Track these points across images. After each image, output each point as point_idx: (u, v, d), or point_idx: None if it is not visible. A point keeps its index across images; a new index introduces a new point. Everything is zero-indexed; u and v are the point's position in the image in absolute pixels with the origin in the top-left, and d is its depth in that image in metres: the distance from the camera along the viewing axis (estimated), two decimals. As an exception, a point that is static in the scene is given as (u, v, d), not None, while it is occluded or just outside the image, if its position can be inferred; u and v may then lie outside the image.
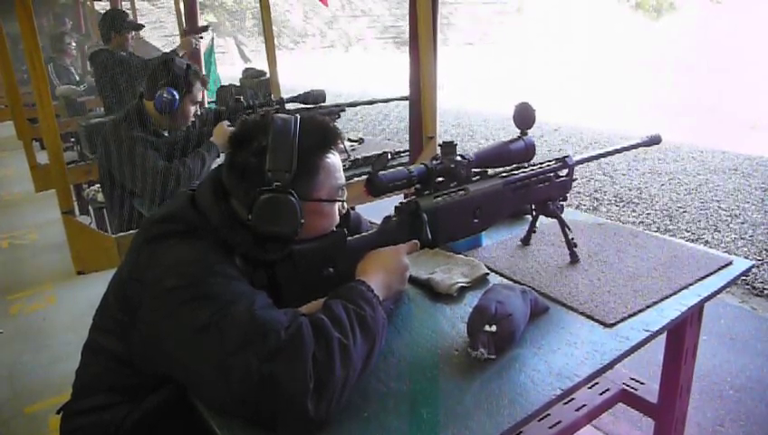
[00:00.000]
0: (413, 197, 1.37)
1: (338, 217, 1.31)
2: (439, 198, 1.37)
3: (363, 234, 1.33)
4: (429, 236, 1.32)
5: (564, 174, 1.65)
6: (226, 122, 2.66)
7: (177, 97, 2.52)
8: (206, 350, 1.03)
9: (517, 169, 1.56)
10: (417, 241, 1.33)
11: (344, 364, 1.03)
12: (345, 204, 1.35)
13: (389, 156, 1.38)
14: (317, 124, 1.26)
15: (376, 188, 1.27)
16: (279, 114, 1.22)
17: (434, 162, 1.38)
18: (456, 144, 1.41)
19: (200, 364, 1.04)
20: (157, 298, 1.10)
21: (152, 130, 2.57)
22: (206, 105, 3.97)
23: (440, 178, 1.39)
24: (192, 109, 2.65)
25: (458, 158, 1.41)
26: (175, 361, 1.09)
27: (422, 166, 1.36)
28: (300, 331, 1.03)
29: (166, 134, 2.64)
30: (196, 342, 1.04)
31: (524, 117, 1.53)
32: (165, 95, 2.49)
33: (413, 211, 1.33)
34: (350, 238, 1.28)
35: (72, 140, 5.06)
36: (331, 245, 1.25)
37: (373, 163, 1.29)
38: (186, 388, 1.13)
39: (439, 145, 1.41)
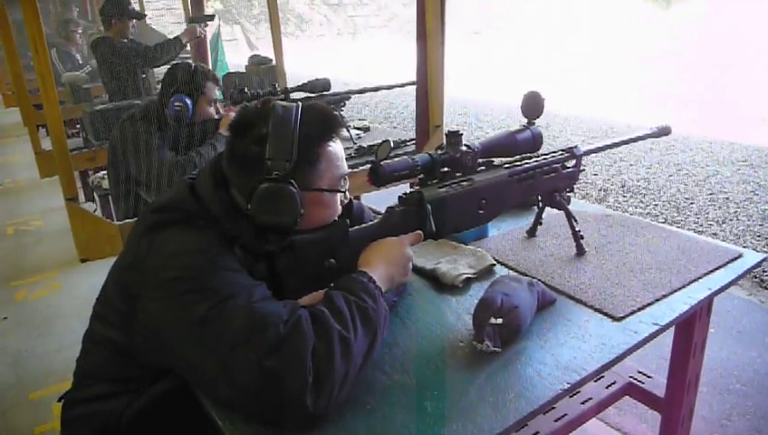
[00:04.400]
0: (417, 187, 1.35)
1: (339, 208, 1.29)
2: (444, 189, 1.35)
3: (365, 224, 1.31)
4: (433, 227, 1.30)
5: (572, 165, 1.62)
6: (233, 113, 2.64)
7: (190, 103, 2.50)
8: (205, 344, 1.02)
9: (524, 159, 1.54)
10: (420, 232, 1.31)
11: (345, 358, 1.02)
12: (347, 193, 1.33)
13: (392, 144, 1.35)
14: (319, 112, 1.23)
15: (379, 178, 1.25)
16: (280, 102, 1.20)
17: (439, 152, 1.36)
18: (462, 134, 1.39)
19: (200, 358, 1.03)
20: (157, 288, 1.09)
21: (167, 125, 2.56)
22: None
23: (445, 168, 1.37)
24: (210, 109, 2.63)
25: (464, 147, 1.38)
26: (175, 353, 1.08)
27: (426, 155, 1.34)
28: (299, 324, 1.02)
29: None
30: (196, 335, 1.02)
31: (533, 106, 1.50)
32: (177, 104, 2.48)
33: (417, 202, 1.31)
34: (351, 229, 1.26)
35: (78, 126, 5.05)
36: (332, 235, 1.22)
37: (376, 152, 1.27)
38: (186, 378, 1.12)
39: (445, 134, 1.39)
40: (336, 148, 1.24)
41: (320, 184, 1.21)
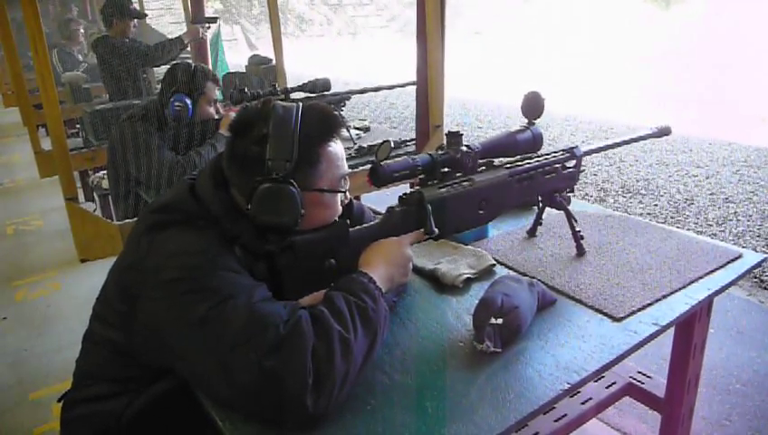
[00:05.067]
0: (418, 187, 1.35)
1: (340, 208, 1.29)
2: (444, 189, 1.35)
3: (366, 225, 1.31)
4: (433, 227, 1.30)
5: (572, 165, 1.62)
6: (233, 113, 2.64)
7: (190, 103, 2.50)
8: (205, 344, 1.02)
9: (524, 159, 1.53)
10: (421, 230, 1.31)
11: (345, 358, 1.02)
12: (348, 194, 1.33)
13: (392, 144, 1.35)
14: (319, 112, 1.23)
15: (379, 179, 1.25)
16: (280, 102, 1.20)
17: (439, 152, 1.36)
18: (462, 134, 1.39)
19: (200, 358, 1.03)
20: (156, 288, 1.08)
21: (167, 125, 2.57)
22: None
23: (445, 169, 1.37)
24: (210, 109, 2.63)
25: (464, 148, 1.38)
26: (175, 353, 1.08)
27: (427, 156, 1.33)
28: (299, 324, 1.02)
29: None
30: (196, 335, 1.02)
31: (533, 106, 1.50)
32: (177, 104, 2.48)
33: (417, 202, 1.31)
34: (352, 229, 1.26)
35: (78, 126, 5.05)
36: (333, 235, 1.22)
37: (376, 152, 1.27)
38: (186, 378, 1.12)
39: (445, 135, 1.39)
40: (336, 148, 1.24)
41: (320, 184, 1.21)
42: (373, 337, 1.09)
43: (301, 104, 1.21)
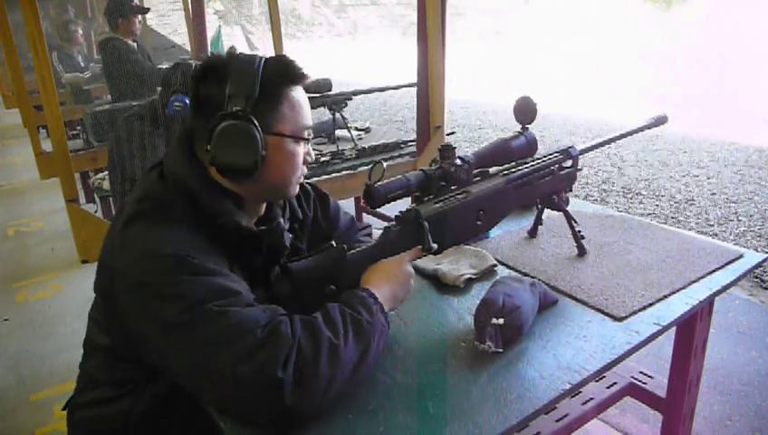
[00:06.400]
0: (413, 204, 1.33)
1: (303, 166, 1.24)
2: (440, 204, 1.33)
3: (363, 247, 1.28)
4: (431, 243, 1.28)
5: (569, 165, 1.61)
6: None
7: (189, 103, 2.51)
8: (180, 348, 0.99)
9: (519, 164, 1.51)
10: (419, 247, 1.29)
11: (331, 363, 0.99)
12: (311, 153, 1.28)
13: (393, 145, 1.33)
14: (282, 59, 1.20)
15: (374, 200, 1.23)
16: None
17: (433, 167, 1.34)
18: (456, 147, 1.37)
19: (178, 362, 1.00)
20: (126, 291, 1.05)
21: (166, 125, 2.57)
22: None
23: (441, 183, 1.35)
24: None
25: (458, 161, 1.36)
26: (155, 354, 1.05)
27: (420, 172, 1.31)
28: (277, 329, 0.99)
29: None
30: (170, 339, 0.99)
31: (525, 111, 1.48)
32: (176, 104, 2.48)
33: (414, 219, 1.29)
34: (350, 253, 1.24)
35: (79, 127, 5.05)
36: (330, 260, 1.20)
37: (369, 174, 1.25)
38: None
39: (438, 149, 1.37)
40: (299, 95, 1.21)
41: (282, 128, 1.17)
42: (365, 348, 1.07)
43: (264, 56, 1.19)
